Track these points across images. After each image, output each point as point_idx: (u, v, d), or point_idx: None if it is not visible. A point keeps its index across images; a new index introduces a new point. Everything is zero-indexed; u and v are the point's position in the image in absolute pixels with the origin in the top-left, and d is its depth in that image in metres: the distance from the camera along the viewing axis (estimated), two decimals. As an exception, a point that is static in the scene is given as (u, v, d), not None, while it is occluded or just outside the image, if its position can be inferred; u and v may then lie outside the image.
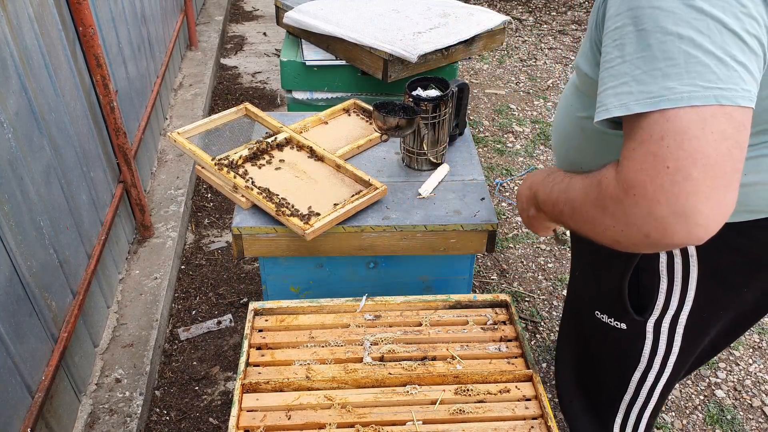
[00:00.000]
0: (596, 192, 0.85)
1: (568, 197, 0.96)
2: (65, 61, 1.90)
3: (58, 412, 1.70)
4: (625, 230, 0.81)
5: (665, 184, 0.74)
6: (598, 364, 1.35)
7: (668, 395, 1.34)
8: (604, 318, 1.23)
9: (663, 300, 1.14)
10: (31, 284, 1.57)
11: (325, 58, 2.22)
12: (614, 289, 1.18)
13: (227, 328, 2.32)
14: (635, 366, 1.25)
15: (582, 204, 0.90)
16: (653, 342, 1.20)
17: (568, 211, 0.96)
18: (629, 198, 0.78)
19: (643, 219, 0.77)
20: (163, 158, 2.99)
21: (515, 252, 2.73)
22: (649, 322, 1.18)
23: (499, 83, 4.11)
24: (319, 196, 1.58)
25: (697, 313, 1.14)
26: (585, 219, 0.90)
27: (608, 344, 1.27)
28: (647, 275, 1.14)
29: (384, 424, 1.17)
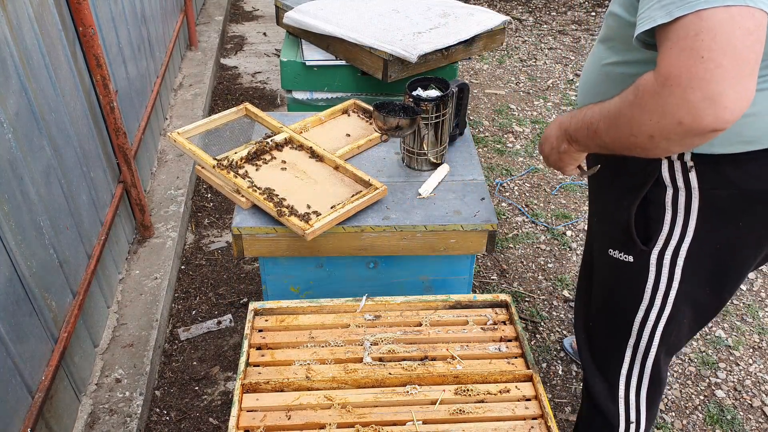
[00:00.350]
0: (633, 94, 0.97)
1: (603, 112, 1.06)
2: (65, 61, 1.90)
3: (58, 412, 1.70)
4: (661, 121, 0.92)
5: (699, 72, 0.86)
6: (607, 304, 1.43)
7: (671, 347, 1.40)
8: (616, 254, 1.33)
9: (667, 230, 1.23)
10: (31, 284, 1.57)
11: (325, 58, 2.22)
12: (624, 221, 1.27)
13: (227, 328, 2.32)
14: (639, 304, 1.33)
15: (619, 109, 1.01)
16: (656, 275, 1.28)
17: (604, 125, 1.06)
18: (666, 89, 0.89)
19: (677, 106, 0.89)
20: (163, 158, 2.99)
21: (515, 252, 2.73)
22: (653, 254, 1.27)
23: (499, 83, 4.11)
24: (319, 196, 1.58)
25: (697, 245, 1.23)
26: (622, 123, 1.00)
27: (616, 281, 1.37)
28: (654, 208, 1.23)
29: (384, 424, 1.17)
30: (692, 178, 1.17)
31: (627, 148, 1.05)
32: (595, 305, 1.49)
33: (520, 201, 3.03)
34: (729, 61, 0.85)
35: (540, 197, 3.06)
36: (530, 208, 2.98)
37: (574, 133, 1.18)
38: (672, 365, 2.23)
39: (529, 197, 3.07)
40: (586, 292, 1.57)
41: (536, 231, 2.85)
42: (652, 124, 0.94)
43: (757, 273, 2.63)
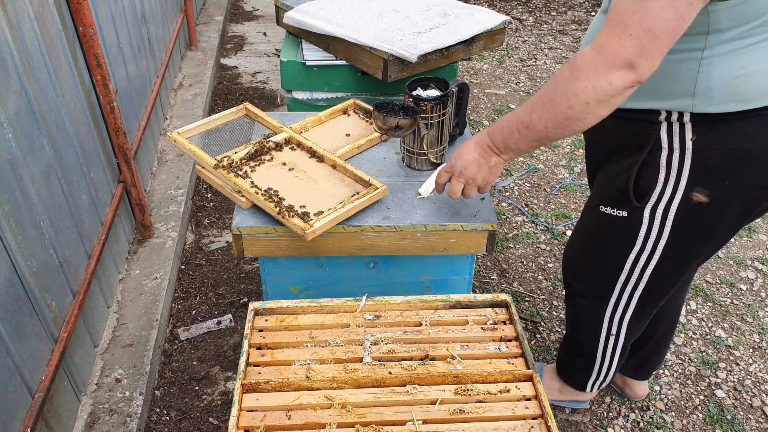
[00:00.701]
0: (569, 69, 1.16)
1: (532, 104, 1.23)
2: (65, 61, 1.90)
3: (58, 412, 1.70)
4: (595, 84, 1.13)
5: (625, 44, 1.09)
6: (600, 250, 1.58)
7: (658, 290, 1.56)
8: (608, 210, 1.48)
9: (660, 188, 1.36)
10: (31, 284, 1.57)
11: (325, 58, 2.22)
12: (621, 182, 1.41)
13: (227, 328, 2.32)
14: (631, 248, 1.48)
15: (555, 89, 1.18)
16: (648, 226, 1.42)
17: (537, 114, 1.22)
18: (601, 54, 1.11)
19: (608, 69, 1.11)
20: (163, 158, 2.99)
21: (515, 252, 2.73)
22: (647, 209, 1.40)
23: (499, 83, 4.11)
24: (319, 196, 1.58)
25: (686, 201, 1.34)
26: (559, 99, 1.17)
27: (610, 232, 1.51)
28: (649, 169, 1.35)
29: (384, 424, 1.17)
30: (687, 138, 1.28)
31: (562, 126, 1.20)
32: (592, 252, 1.62)
33: (520, 201, 3.03)
34: (648, 39, 1.07)
35: (540, 197, 3.07)
36: (530, 208, 2.98)
37: (504, 142, 1.32)
38: (672, 365, 2.23)
39: (529, 197, 3.07)
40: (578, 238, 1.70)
41: (536, 231, 2.85)
42: (588, 89, 1.13)
43: (757, 273, 2.63)
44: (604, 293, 1.64)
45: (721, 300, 2.50)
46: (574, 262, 1.73)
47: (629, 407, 2.09)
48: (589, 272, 1.67)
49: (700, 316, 2.43)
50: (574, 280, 1.74)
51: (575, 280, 1.74)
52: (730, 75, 1.18)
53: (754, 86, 1.18)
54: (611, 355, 1.77)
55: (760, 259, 2.70)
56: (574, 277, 1.74)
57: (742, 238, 2.83)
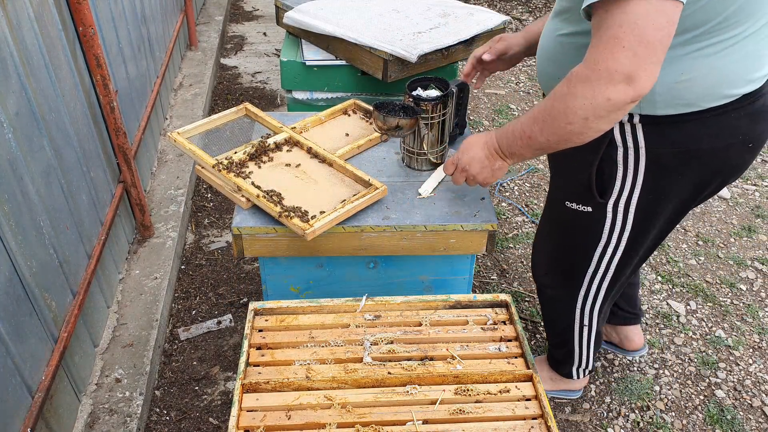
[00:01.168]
0: (566, 86, 1.17)
1: (534, 117, 1.25)
2: (65, 61, 1.90)
3: (58, 412, 1.70)
4: (593, 101, 1.13)
5: (620, 58, 1.07)
6: (568, 245, 1.65)
7: (622, 276, 1.64)
8: (573, 206, 1.53)
9: (619, 184, 1.43)
10: (31, 284, 1.57)
11: (325, 58, 2.22)
12: (584, 179, 1.46)
13: (227, 328, 2.32)
14: (597, 242, 1.55)
15: (552, 106, 1.20)
16: (612, 220, 1.49)
17: (539, 127, 1.25)
18: (595, 73, 1.11)
19: (605, 86, 1.10)
20: (163, 158, 2.99)
21: (515, 252, 2.73)
22: (609, 204, 1.47)
23: (499, 83, 4.11)
24: (319, 196, 1.58)
25: (645, 195, 1.42)
26: (558, 116, 1.19)
27: (577, 227, 1.57)
28: (608, 165, 1.41)
29: (384, 424, 1.17)
30: (639, 138, 1.34)
31: (563, 140, 1.23)
32: (562, 246, 1.69)
33: (520, 201, 3.03)
34: (643, 48, 1.06)
35: (540, 197, 3.06)
36: (530, 208, 2.98)
37: (508, 149, 1.36)
38: (672, 365, 2.23)
39: (529, 197, 3.07)
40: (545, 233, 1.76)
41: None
42: (586, 106, 1.14)
43: (757, 273, 2.63)
44: (575, 286, 1.70)
45: (721, 300, 2.50)
46: (544, 255, 1.79)
47: (629, 407, 2.09)
48: (559, 265, 1.73)
49: (700, 316, 2.43)
50: (546, 275, 1.80)
51: (546, 274, 1.80)
52: (672, 81, 1.24)
53: (694, 91, 1.25)
54: (587, 341, 1.86)
55: (760, 259, 2.70)
56: (545, 272, 1.80)
57: (742, 238, 2.83)
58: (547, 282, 1.82)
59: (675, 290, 2.54)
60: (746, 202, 3.06)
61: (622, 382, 2.17)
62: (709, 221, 2.92)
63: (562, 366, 1.99)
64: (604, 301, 1.72)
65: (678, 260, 2.68)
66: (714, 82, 1.23)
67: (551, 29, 1.41)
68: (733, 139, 1.32)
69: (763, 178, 3.23)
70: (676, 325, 2.39)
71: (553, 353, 2.00)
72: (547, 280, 1.82)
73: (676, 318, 2.42)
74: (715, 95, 1.25)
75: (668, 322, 2.40)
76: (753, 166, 3.32)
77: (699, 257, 2.71)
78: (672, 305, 2.47)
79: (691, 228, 2.88)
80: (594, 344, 1.88)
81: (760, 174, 3.26)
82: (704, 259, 2.70)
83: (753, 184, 3.18)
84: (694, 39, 1.20)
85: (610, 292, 1.69)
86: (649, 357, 2.26)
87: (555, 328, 1.91)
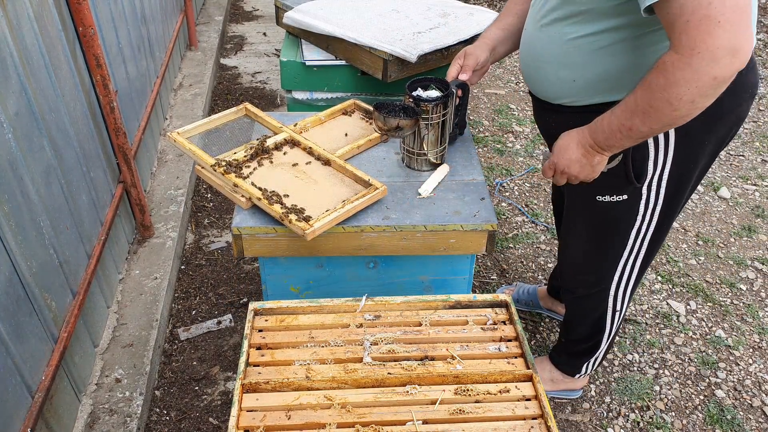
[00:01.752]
0: (663, 78, 1.15)
1: (632, 110, 1.23)
2: (65, 61, 1.90)
3: (58, 412, 1.70)
4: (698, 84, 1.11)
5: (719, 33, 1.05)
6: (603, 238, 1.65)
7: (655, 253, 1.67)
8: (606, 198, 1.54)
9: (652, 165, 1.45)
10: (31, 284, 1.58)
11: (325, 58, 2.22)
12: (617, 170, 1.46)
13: (227, 328, 2.32)
14: (633, 225, 1.57)
15: (652, 99, 1.18)
16: (646, 200, 1.52)
17: (640, 119, 1.23)
18: (695, 57, 1.09)
19: (709, 66, 1.08)
20: (163, 158, 2.99)
21: (515, 252, 2.73)
22: (644, 186, 1.49)
23: (499, 83, 4.11)
24: (319, 196, 1.58)
25: (676, 168, 1.45)
26: (660, 107, 1.18)
27: (612, 218, 1.58)
28: (638, 150, 1.42)
29: (384, 424, 1.17)
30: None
31: (668, 125, 1.23)
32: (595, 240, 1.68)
33: (520, 201, 3.03)
34: (738, 17, 1.05)
35: (540, 197, 3.07)
36: (530, 208, 2.98)
37: (606, 142, 1.33)
38: (672, 365, 2.23)
39: (529, 197, 3.07)
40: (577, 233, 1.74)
41: (536, 231, 2.85)
42: (691, 91, 1.13)
43: (757, 273, 2.63)
44: (609, 276, 1.72)
45: (721, 300, 2.50)
46: (578, 258, 1.77)
47: (629, 407, 2.09)
48: (594, 262, 1.72)
49: (700, 316, 2.43)
50: (580, 275, 1.79)
51: (580, 275, 1.79)
52: None
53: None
54: (615, 328, 1.87)
55: (760, 259, 2.70)
56: (579, 274, 1.79)
57: (742, 238, 2.83)
58: (580, 281, 1.81)
59: (675, 290, 2.54)
60: (746, 202, 3.06)
61: (622, 382, 2.17)
62: (709, 221, 2.93)
63: (576, 361, 1.98)
64: (636, 281, 1.74)
65: (678, 260, 2.68)
66: None
67: (556, 35, 1.40)
68: (745, 94, 1.39)
69: (763, 178, 3.23)
70: (676, 325, 2.39)
71: (569, 349, 1.99)
72: (580, 280, 1.80)
73: (676, 318, 2.42)
74: None
75: (668, 322, 2.40)
76: (753, 165, 3.32)
77: (699, 257, 2.71)
78: (672, 305, 2.47)
79: (691, 228, 2.88)
80: (617, 329, 1.89)
81: (760, 174, 3.26)
82: (704, 259, 2.70)
83: (753, 184, 3.19)
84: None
85: (643, 271, 1.71)
86: (649, 357, 2.26)
87: (585, 322, 1.88)
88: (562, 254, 1.86)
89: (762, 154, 3.43)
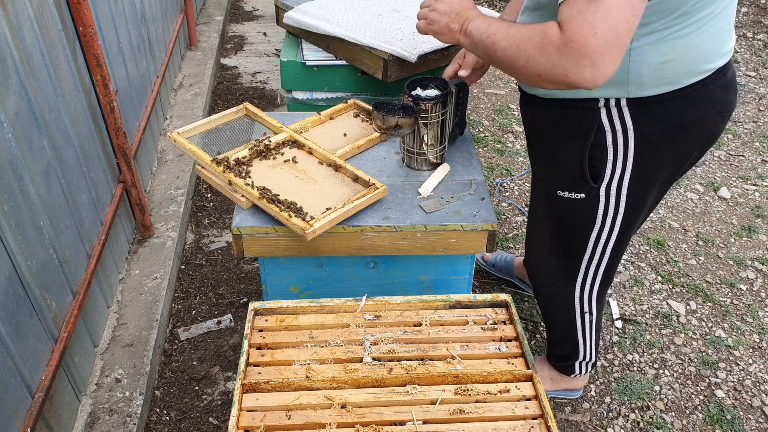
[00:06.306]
0: (540, 37, 1.18)
1: (510, 35, 1.27)
2: (65, 61, 1.90)
3: (58, 412, 1.70)
4: (553, 69, 1.17)
5: (592, 44, 1.10)
6: (564, 235, 1.68)
7: (618, 259, 1.68)
8: (566, 194, 1.56)
9: (610, 167, 1.47)
10: (31, 284, 1.58)
11: (325, 58, 2.22)
12: (575, 166, 1.50)
13: (227, 328, 2.32)
14: (592, 228, 1.59)
15: (524, 41, 1.22)
16: (605, 204, 1.53)
17: (505, 44, 1.27)
18: (566, 48, 1.13)
19: (570, 64, 1.14)
20: (163, 158, 2.99)
21: (515, 252, 2.73)
22: (602, 188, 1.51)
23: (499, 83, 4.12)
24: (319, 196, 1.58)
25: (636, 175, 1.47)
26: (522, 53, 1.23)
27: (571, 215, 1.60)
28: (598, 150, 1.45)
29: (384, 424, 1.17)
30: (627, 120, 1.40)
31: (510, 69, 1.30)
32: (557, 235, 1.71)
33: (520, 201, 3.03)
34: (612, 41, 1.10)
35: (540, 197, 3.06)
36: (530, 208, 2.98)
37: (475, 29, 1.37)
38: (672, 365, 2.23)
39: (528, 197, 3.07)
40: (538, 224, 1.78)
41: (536, 231, 2.85)
42: (545, 67, 1.18)
43: (757, 273, 2.63)
44: (571, 276, 1.74)
45: (721, 300, 2.50)
46: (540, 251, 1.81)
47: (629, 407, 2.09)
48: (556, 259, 1.75)
49: (700, 316, 2.43)
50: (543, 271, 1.83)
51: (544, 270, 1.82)
52: (657, 62, 1.32)
53: (678, 69, 1.33)
54: (590, 330, 1.88)
55: (760, 259, 2.70)
56: (543, 269, 1.82)
57: (742, 238, 2.83)
58: (545, 279, 1.83)
59: (675, 290, 2.54)
60: (746, 202, 3.06)
61: (622, 382, 2.17)
62: (709, 221, 2.93)
63: (566, 362, 1.99)
64: (602, 285, 1.75)
65: (678, 260, 2.68)
66: (694, 58, 1.32)
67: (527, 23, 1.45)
68: (712, 110, 1.41)
69: (763, 178, 3.23)
70: (676, 325, 2.39)
71: (556, 351, 2.00)
72: (545, 277, 1.83)
73: (676, 318, 2.42)
74: (696, 71, 1.34)
75: (668, 322, 2.40)
76: (753, 165, 3.32)
77: (699, 257, 2.71)
78: (672, 305, 2.47)
79: (691, 228, 2.88)
80: (596, 332, 1.90)
81: (760, 174, 3.26)
82: (704, 259, 2.70)
83: (753, 184, 3.18)
84: (675, 21, 1.27)
85: (608, 275, 1.72)
86: (649, 357, 2.26)
87: (557, 323, 1.92)
88: (527, 247, 1.90)
89: (762, 154, 3.43)
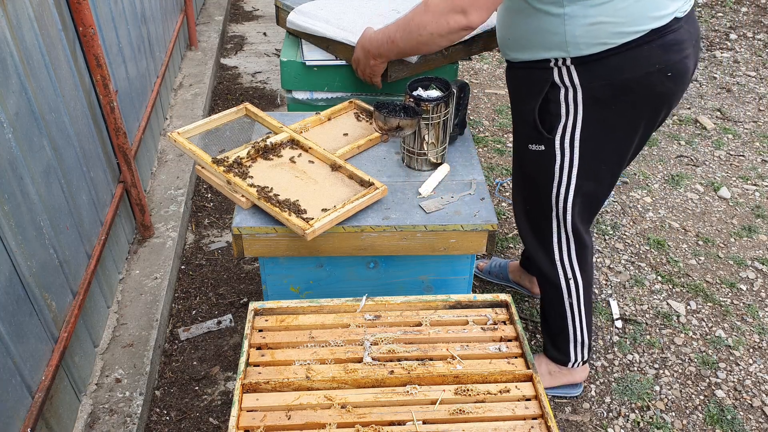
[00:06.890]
0: (425, 4, 1.51)
1: (399, 26, 1.62)
2: (65, 61, 1.90)
3: (58, 412, 1.70)
4: (439, 20, 1.49)
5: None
6: (532, 189, 1.81)
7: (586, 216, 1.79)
8: (533, 147, 1.71)
9: (563, 120, 1.62)
10: (31, 284, 1.58)
11: (325, 58, 2.22)
12: (531, 119, 1.67)
13: (227, 328, 2.32)
14: (552, 180, 1.71)
15: (412, 18, 1.56)
16: (560, 156, 1.67)
17: (401, 34, 1.61)
18: (444, 2, 1.47)
19: (448, 12, 1.47)
20: (163, 158, 2.99)
21: (515, 252, 2.73)
22: (556, 140, 1.65)
23: (499, 83, 4.11)
24: (319, 196, 1.58)
25: (587, 128, 1.61)
26: (413, 27, 1.55)
27: (535, 166, 1.74)
28: (554, 105, 1.61)
29: (384, 424, 1.17)
30: (574, 77, 1.55)
31: (416, 48, 1.61)
32: (527, 191, 1.85)
33: (520, 201, 3.03)
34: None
35: (540, 197, 3.06)
36: (530, 208, 2.98)
37: (377, 50, 1.72)
38: (672, 365, 2.23)
39: (529, 197, 3.07)
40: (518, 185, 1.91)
41: (536, 231, 2.85)
42: (433, 24, 1.50)
43: (757, 273, 2.63)
44: (546, 239, 1.84)
45: (721, 300, 2.50)
46: (520, 218, 1.93)
47: (629, 407, 2.09)
48: (530, 221, 1.89)
49: (700, 316, 2.43)
50: (527, 242, 1.94)
51: (526, 240, 1.94)
52: (587, 24, 1.47)
53: (606, 30, 1.48)
54: (578, 304, 1.93)
55: (760, 259, 2.70)
56: (525, 239, 1.94)
57: (742, 238, 2.83)
58: (530, 249, 1.91)
59: (675, 290, 2.54)
60: (746, 202, 3.06)
61: (622, 382, 2.17)
62: (709, 221, 2.93)
63: (560, 346, 2.01)
64: (578, 250, 1.83)
65: (678, 260, 2.68)
66: (621, 21, 1.46)
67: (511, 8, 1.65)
68: (650, 68, 1.52)
69: (763, 178, 3.23)
70: (676, 325, 2.39)
71: (549, 333, 2.04)
72: (529, 246, 1.92)
73: (676, 318, 2.42)
74: (625, 32, 1.48)
75: (668, 322, 2.40)
76: (753, 165, 3.32)
77: (699, 257, 2.71)
78: (672, 305, 2.47)
79: (691, 228, 2.88)
80: (585, 308, 1.94)
81: (760, 174, 3.26)
82: (704, 259, 2.70)
83: (753, 184, 3.19)
84: None
85: (578, 238, 1.81)
86: (649, 357, 2.26)
87: (546, 298, 1.98)
88: (515, 214, 1.99)
89: (762, 154, 3.43)
